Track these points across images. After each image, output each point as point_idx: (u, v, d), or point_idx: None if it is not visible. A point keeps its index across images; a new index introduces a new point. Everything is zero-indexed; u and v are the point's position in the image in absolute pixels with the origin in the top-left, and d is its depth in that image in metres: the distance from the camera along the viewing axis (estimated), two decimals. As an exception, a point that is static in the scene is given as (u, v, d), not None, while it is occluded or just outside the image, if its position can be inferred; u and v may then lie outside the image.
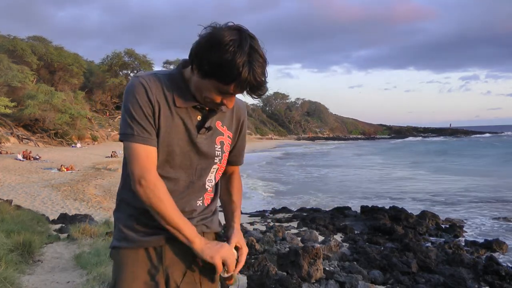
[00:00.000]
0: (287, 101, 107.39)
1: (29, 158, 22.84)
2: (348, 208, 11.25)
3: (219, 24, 1.28)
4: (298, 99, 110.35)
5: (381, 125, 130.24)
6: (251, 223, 9.35)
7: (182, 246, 1.45)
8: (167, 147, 1.40)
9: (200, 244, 1.41)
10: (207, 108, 1.42)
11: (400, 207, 10.62)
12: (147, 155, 1.36)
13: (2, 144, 28.07)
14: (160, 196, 1.36)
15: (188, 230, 1.40)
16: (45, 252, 4.96)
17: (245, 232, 7.18)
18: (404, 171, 25.20)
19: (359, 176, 22.85)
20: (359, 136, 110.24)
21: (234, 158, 1.61)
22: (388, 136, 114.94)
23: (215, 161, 1.48)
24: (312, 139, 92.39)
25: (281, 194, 16.18)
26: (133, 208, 1.47)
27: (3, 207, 7.03)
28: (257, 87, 1.28)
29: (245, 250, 1.54)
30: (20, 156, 22.76)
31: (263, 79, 1.27)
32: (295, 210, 11.72)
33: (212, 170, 1.50)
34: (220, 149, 1.48)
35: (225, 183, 1.67)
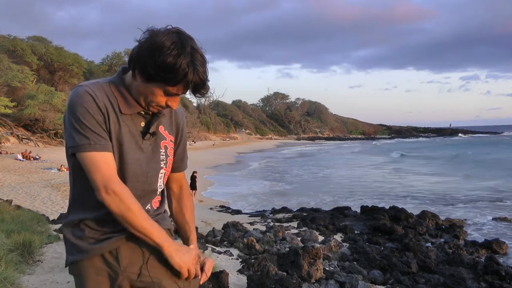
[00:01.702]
0: (287, 101, 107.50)
1: (29, 158, 22.84)
2: (348, 208, 11.25)
3: (156, 28, 1.31)
4: (298, 99, 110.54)
5: (381, 125, 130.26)
6: (251, 223, 9.34)
7: (135, 244, 1.44)
8: (118, 157, 1.39)
9: (169, 249, 1.41)
10: (150, 113, 1.43)
11: (400, 207, 10.61)
12: (107, 162, 1.35)
13: (2, 144, 28.06)
14: (128, 204, 1.34)
15: (156, 234, 1.39)
16: (45, 252, 4.95)
17: (245, 232, 7.18)
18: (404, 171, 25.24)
19: (357, 177, 22.86)
20: (359, 136, 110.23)
21: (178, 164, 1.61)
22: (388, 136, 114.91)
23: (161, 165, 1.48)
24: (312, 139, 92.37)
25: (286, 194, 16.16)
26: (82, 219, 1.44)
27: (3, 207, 7.03)
28: (201, 85, 1.31)
29: (209, 264, 1.53)
30: (20, 156, 22.76)
31: (205, 77, 1.31)
32: (295, 210, 11.72)
33: (160, 175, 1.50)
34: (164, 153, 1.49)
35: (177, 202, 1.66)
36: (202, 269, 1.53)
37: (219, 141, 65.49)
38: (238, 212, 11.81)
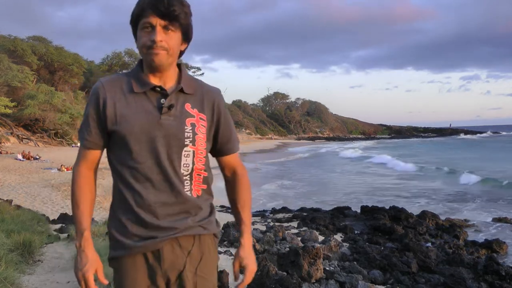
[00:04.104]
0: (287, 101, 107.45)
1: (29, 158, 22.84)
2: (348, 208, 11.25)
3: None
4: (298, 99, 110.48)
5: (381, 125, 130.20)
6: (251, 223, 9.34)
7: (179, 248, 1.46)
8: (128, 135, 1.42)
9: (78, 247, 1.48)
10: (166, 89, 1.45)
11: (400, 207, 10.61)
12: (86, 156, 1.52)
13: (2, 144, 28.05)
14: (74, 179, 1.50)
15: (79, 225, 1.48)
16: (45, 252, 4.96)
17: (245, 232, 7.17)
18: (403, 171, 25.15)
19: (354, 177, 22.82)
20: (359, 136, 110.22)
21: (223, 145, 1.58)
22: (388, 136, 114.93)
23: (186, 142, 1.45)
24: (312, 139, 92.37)
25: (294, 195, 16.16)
26: (125, 215, 1.47)
27: (3, 207, 7.03)
28: (160, 1, 1.36)
29: (250, 269, 1.55)
30: (20, 156, 22.75)
31: None
32: (295, 210, 11.73)
33: (184, 153, 1.45)
34: (191, 131, 1.45)
35: (230, 188, 1.65)
36: (242, 272, 1.54)
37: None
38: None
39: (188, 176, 1.48)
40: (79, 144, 1.56)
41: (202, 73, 69.66)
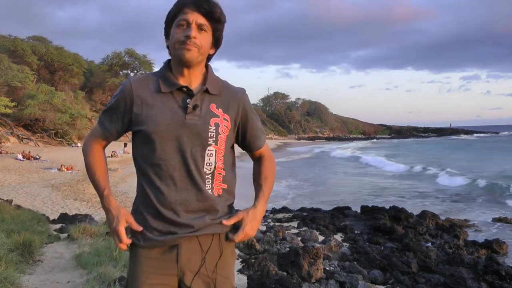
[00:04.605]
0: (287, 101, 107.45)
1: (29, 158, 22.84)
2: (348, 208, 11.24)
3: None
4: (298, 99, 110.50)
5: (381, 125, 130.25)
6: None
7: (198, 246, 1.50)
8: (152, 134, 1.47)
9: (104, 208, 1.57)
10: (192, 89, 1.49)
11: (400, 207, 10.61)
12: (96, 133, 1.62)
13: (2, 144, 28.06)
14: (88, 151, 1.59)
15: (98, 189, 1.57)
16: (45, 252, 4.96)
17: (245, 232, 7.18)
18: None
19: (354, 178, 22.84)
20: (359, 136, 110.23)
21: (253, 142, 1.64)
22: (388, 136, 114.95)
23: (209, 142, 1.49)
24: (312, 139, 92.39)
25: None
26: (147, 209, 1.52)
27: (3, 207, 7.03)
28: (205, 0, 1.44)
29: (245, 230, 1.58)
30: (20, 156, 22.76)
31: None
32: (295, 210, 11.72)
33: (208, 152, 1.50)
34: (214, 130, 1.49)
35: (256, 166, 1.71)
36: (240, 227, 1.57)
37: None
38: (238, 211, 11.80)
39: (210, 175, 1.52)
40: (80, 143, 1.64)
41: (202, 73, 69.59)
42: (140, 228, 1.50)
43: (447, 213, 11.71)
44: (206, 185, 1.51)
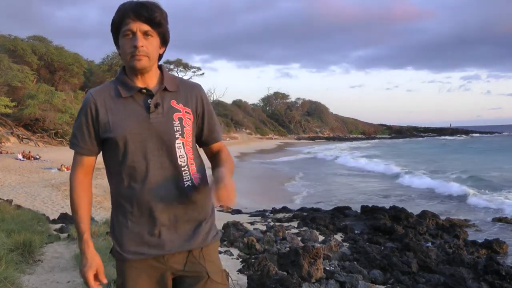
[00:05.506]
0: (287, 101, 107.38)
1: (29, 158, 22.84)
2: (348, 208, 11.25)
3: None
4: (298, 99, 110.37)
5: (381, 124, 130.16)
6: (251, 223, 9.34)
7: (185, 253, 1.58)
8: (123, 136, 1.50)
9: (80, 250, 1.57)
10: (150, 89, 1.54)
11: (400, 206, 10.61)
12: (80, 161, 1.61)
13: (2, 144, 28.05)
14: (72, 186, 1.59)
15: (78, 230, 1.57)
16: (45, 252, 4.96)
17: (245, 231, 7.18)
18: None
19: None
20: (359, 136, 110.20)
21: (208, 135, 1.69)
22: (388, 136, 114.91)
23: (176, 135, 1.55)
24: (313, 138, 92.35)
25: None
26: (125, 218, 1.58)
27: (3, 207, 7.04)
28: (141, 6, 1.48)
29: (222, 185, 1.46)
30: (20, 156, 22.76)
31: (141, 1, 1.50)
32: (295, 210, 11.72)
33: (177, 145, 1.56)
34: (179, 124, 1.56)
35: (215, 155, 1.73)
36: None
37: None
38: (238, 211, 11.80)
39: (186, 167, 1.58)
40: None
41: (202, 73, 69.73)
42: (105, 281, 1.55)
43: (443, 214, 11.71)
44: (185, 177, 1.56)
